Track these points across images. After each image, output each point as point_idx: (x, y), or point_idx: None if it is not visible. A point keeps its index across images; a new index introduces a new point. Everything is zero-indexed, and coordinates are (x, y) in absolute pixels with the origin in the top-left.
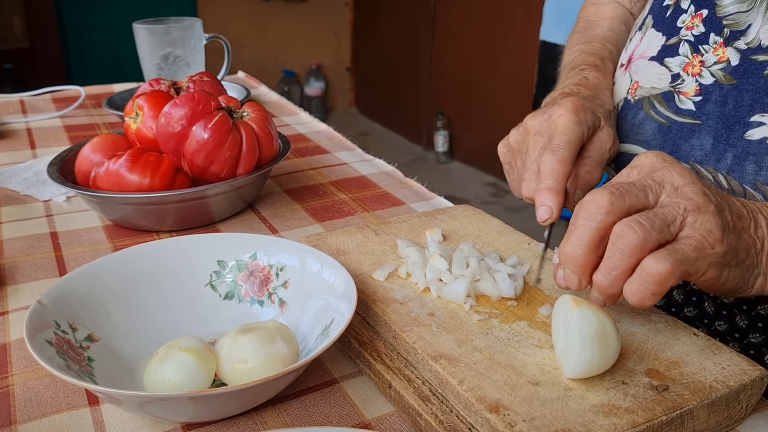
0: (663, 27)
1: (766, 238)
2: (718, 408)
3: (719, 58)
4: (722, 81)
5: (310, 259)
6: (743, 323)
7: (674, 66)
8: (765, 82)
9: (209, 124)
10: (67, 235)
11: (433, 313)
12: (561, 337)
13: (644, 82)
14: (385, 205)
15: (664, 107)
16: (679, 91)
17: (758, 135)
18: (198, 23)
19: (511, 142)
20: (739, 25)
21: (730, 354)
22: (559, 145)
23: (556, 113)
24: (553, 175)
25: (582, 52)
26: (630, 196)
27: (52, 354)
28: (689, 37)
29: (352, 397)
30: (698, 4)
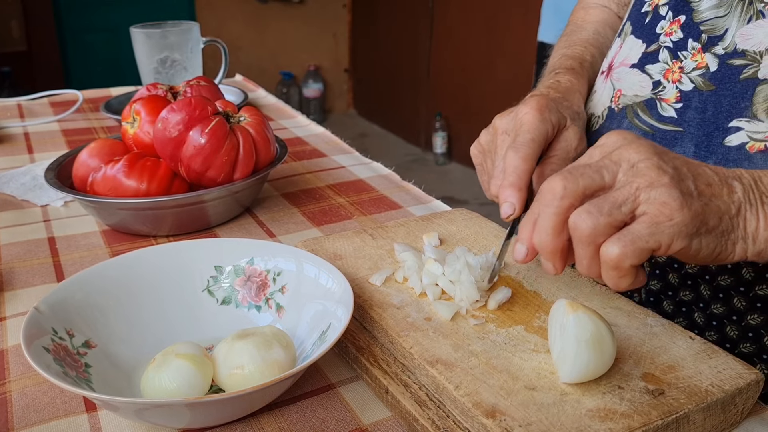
0: (642, 34)
1: (742, 202)
2: (713, 412)
3: (698, 64)
4: (701, 87)
5: (307, 264)
6: (741, 305)
7: (655, 73)
8: (741, 87)
9: (206, 129)
10: (65, 240)
11: (429, 317)
12: (557, 341)
13: (626, 90)
14: (383, 208)
15: (647, 115)
16: (660, 98)
17: (737, 141)
18: (195, 27)
19: (482, 143)
20: (717, 30)
21: (725, 358)
22: (523, 142)
23: (522, 111)
24: (515, 172)
25: (563, 56)
26: (584, 178)
27: (50, 361)
28: (668, 43)
29: (349, 402)
30: (676, 10)
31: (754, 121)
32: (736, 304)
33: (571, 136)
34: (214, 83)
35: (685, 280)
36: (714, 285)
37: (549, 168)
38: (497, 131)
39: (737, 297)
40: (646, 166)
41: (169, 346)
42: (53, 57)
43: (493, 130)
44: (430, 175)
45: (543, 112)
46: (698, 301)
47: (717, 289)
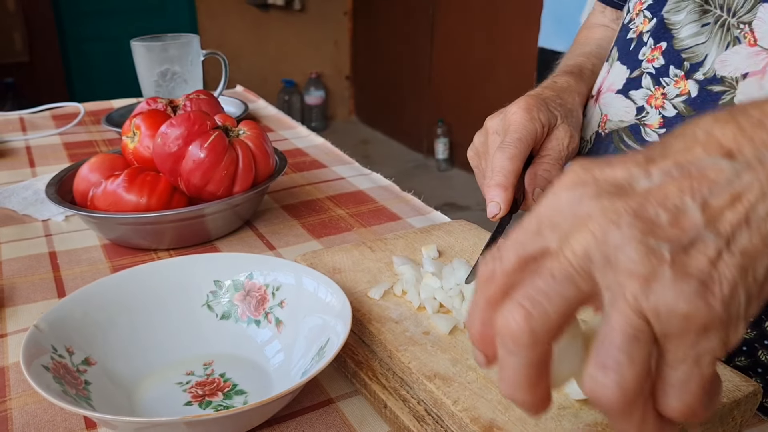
0: (627, 60)
1: None
2: (711, 425)
3: (681, 90)
4: (684, 113)
5: (306, 278)
6: None
7: (638, 99)
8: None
9: (205, 143)
10: (66, 255)
11: (428, 331)
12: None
13: (612, 116)
14: (382, 220)
15: (632, 140)
16: (644, 123)
17: None
18: (195, 40)
19: (476, 145)
20: (698, 57)
21: (723, 370)
22: (510, 142)
23: (510, 111)
24: (501, 171)
25: (564, 65)
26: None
27: (49, 380)
28: (650, 69)
29: (348, 417)
30: (657, 37)
31: None
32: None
33: (562, 135)
34: (214, 96)
35: None
36: None
37: (541, 168)
38: (489, 132)
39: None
40: (630, 258)
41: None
42: (56, 68)
43: (484, 132)
44: (433, 181)
45: (531, 111)
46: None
47: None
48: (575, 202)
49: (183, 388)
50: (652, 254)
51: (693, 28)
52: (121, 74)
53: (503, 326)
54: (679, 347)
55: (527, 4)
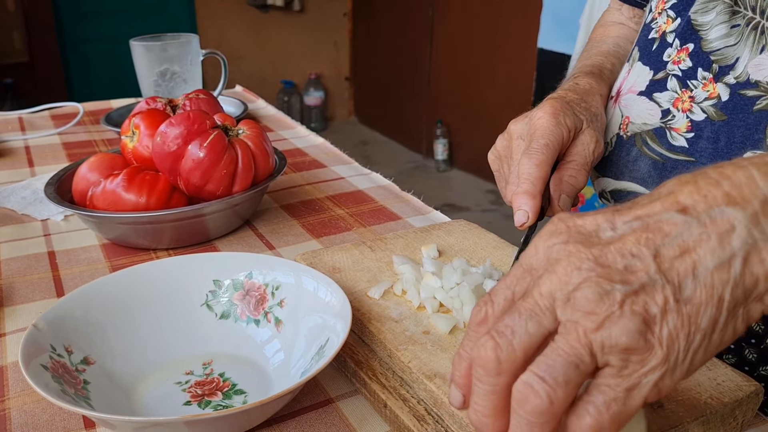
0: (650, 61)
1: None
2: (713, 425)
3: (710, 94)
4: (713, 117)
5: (306, 278)
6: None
7: (663, 101)
8: (755, 118)
9: (205, 142)
10: (65, 255)
11: (428, 331)
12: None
13: (635, 118)
14: (382, 220)
15: (656, 144)
16: (670, 127)
17: None
18: (195, 39)
19: (498, 149)
20: (728, 59)
21: (725, 369)
22: (537, 148)
23: (536, 116)
24: (529, 178)
25: (582, 65)
26: (518, 337)
27: (48, 379)
28: (677, 71)
29: (348, 416)
30: (684, 38)
31: None
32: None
33: (588, 140)
34: (213, 96)
35: None
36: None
37: (567, 173)
38: (512, 136)
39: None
40: (585, 296)
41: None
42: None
43: (508, 136)
44: (432, 181)
45: (557, 116)
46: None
47: None
48: (548, 248)
49: (182, 387)
50: (606, 295)
51: (723, 29)
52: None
53: (476, 356)
54: (613, 377)
55: (527, 6)
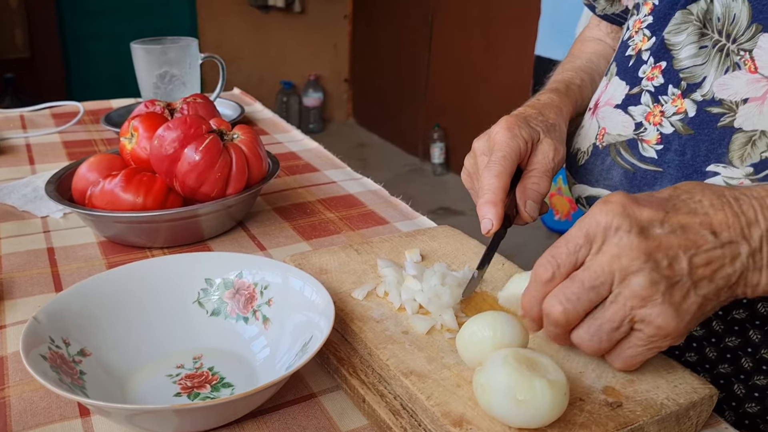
0: (626, 76)
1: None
2: (668, 424)
3: (678, 109)
4: (681, 131)
5: (292, 278)
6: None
7: (637, 115)
8: (719, 134)
9: (200, 146)
10: (63, 251)
11: (407, 331)
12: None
13: (610, 129)
14: (370, 224)
15: (629, 154)
16: (642, 139)
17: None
18: (194, 43)
19: (467, 168)
20: (695, 78)
21: (683, 373)
22: (495, 161)
23: (494, 132)
24: (490, 189)
25: (552, 81)
26: (582, 302)
27: (46, 368)
28: (650, 87)
29: (329, 410)
30: (657, 56)
31: (729, 167)
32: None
33: (547, 148)
34: (210, 100)
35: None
36: (728, 319)
37: (530, 181)
38: (476, 153)
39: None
40: (639, 283)
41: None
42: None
43: (473, 154)
44: (427, 185)
45: (513, 129)
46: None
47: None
48: (612, 229)
49: (173, 380)
50: (654, 284)
51: (692, 49)
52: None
53: (548, 313)
54: (641, 340)
55: (524, 13)
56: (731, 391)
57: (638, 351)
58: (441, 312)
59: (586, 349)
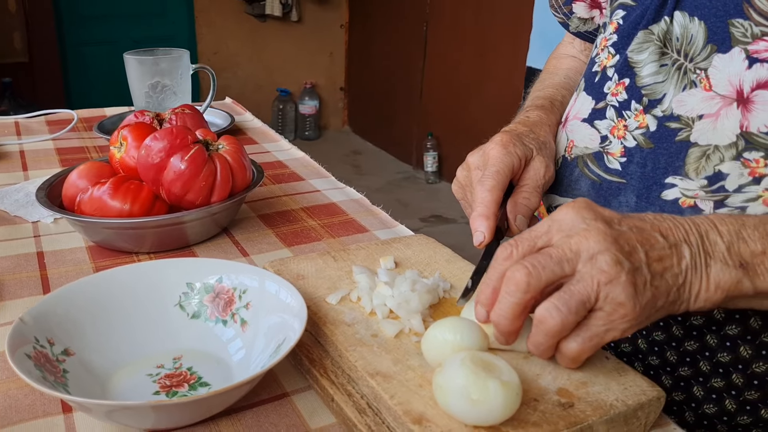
0: (592, 91)
1: (689, 268)
2: (616, 424)
3: (640, 123)
4: (642, 145)
5: (268, 282)
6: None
7: (602, 128)
8: (677, 147)
9: (186, 156)
10: (53, 255)
11: (376, 334)
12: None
13: (578, 142)
14: (350, 231)
15: (595, 166)
16: (607, 151)
17: (671, 195)
18: (185, 54)
19: (460, 179)
20: (656, 94)
21: (634, 376)
22: (488, 175)
23: (489, 148)
24: (483, 202)
25: (535, 98)
26: (546, 271)
27: (31, 367)
28: (614, 102)
29: (300, 409)
30: (621, 73)
31: (686, 179)
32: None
33: (538, 165)
34: (198, 111)
35: (690, 331)
36: (687, 324)
37: (521, 196)
38: (470, 167)
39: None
40: (605, 260)
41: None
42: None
43: (466, 167)
44: (420, 192)
45: (507, 146)
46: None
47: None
48: (579, 219)
49: (153, 379)
50: (619, 263)
51: (653, 67)
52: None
53: (510, 277)
54: (602, 319)
55: (517, 25)
56: (691, 392)
57: (596, 332)
58: (410, 317)
59: (551, 321)
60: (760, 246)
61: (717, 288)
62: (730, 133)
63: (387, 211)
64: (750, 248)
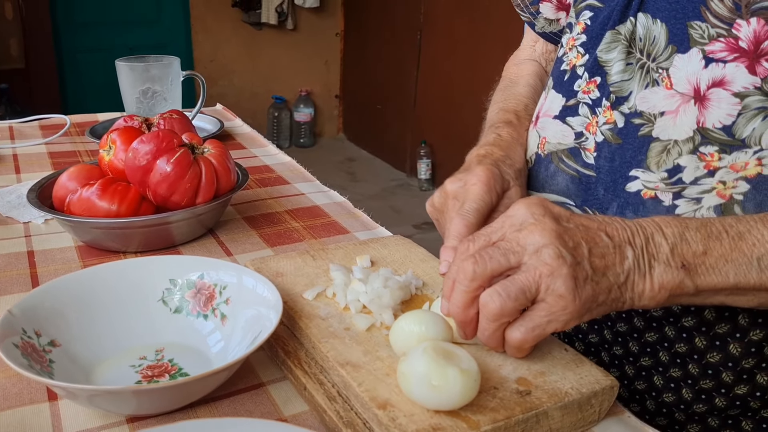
0: (562, 89)
1: (632, 269)
2: (571, 410)
3: (608, 119)
4: (610, 140)
5: (246, 277)
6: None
7: (576, 125)
8: (639, 142)
9: (171, 158)
10: (43, 254)
11: (349, 327)
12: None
13: (550, 138)
14: (332, 233)
15: (572, 161)
16: (584, 147)
17: (634, 187)
18: (176, 61)
19: (435, 203)
20: (623, 92)
21: (590, 367)
22: (468, 211)
23: (470, 182)
24: (457, 236)
25: (500, 110)
26: (492, 262)
27: (18, 355)
28: (587, 100)
29: (275, 398)
30: (592, 72)
31: (647, 171)
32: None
33: (514, 195)
34: (186, 116)
35: (650, 323)
36: (647, 316)
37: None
38: (448, 195)
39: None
40: (549, 253)
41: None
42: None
43: (444, 194)
44: (414, 199)
45: (489, 183)
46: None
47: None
48: (529, 214)
49: (135, 370)
50: (561, 257)
51: (621, 66)
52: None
53: (459, 268)
54: (543, 310)
55: (509, 34)
56: (652, 382)
57: (538, 322)
58: (381, 311)
59: (491, 305)
60: (702, 247)
61: (661, 288)
62: (687, 128)
63: (380, 218)
64: (692, 249)
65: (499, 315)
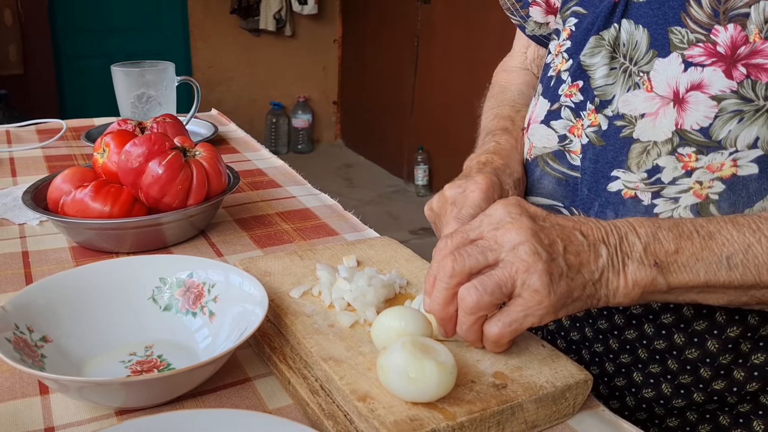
0: (548, 95)
1: (606, 267)
2: (545, 403)
3: (592, 122)
4: (595, 142)
5: (232, 275)
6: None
7: (559, 128)
8: (621, 143)
9: (163, 161)
10: (37, 255)
11: (333, 324)
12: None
13: (536, 143)
14: (321, 234)
15: (557, 164)
16: (569, 150)
17: (615, 187)
18: (171, 67)
19: (433, 207)
20: (607, 95)
21: (566, 362)
22: (465, 216)
23: (470, 189)
24: None
25: (496, 117)
26: (470, 259)
27: (10, 349)
28: (569, 103)
29: (260, 392)
30: (575, 76)
31: (628, 172)
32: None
33: None
34: (179, 120)
35: (630, 320)
36: (627, 314)
37: None
38: (446, 200)
39: (677, 333)
40: (525, 250)
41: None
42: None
43: (443, 198)
44: (411, 205)
45: (488, 192)
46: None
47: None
48: (506, 213)
49: (125, 365)
50: (537, 254)
51: (604, 70)
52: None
53: (440, 266)
54: (520, 305)
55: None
56: (631, 378)
57: (515, 317)
58: (365, 309)
59: (468, 298)
60: (674, 246)
61: (634, 285)
62: (666, 130)
63: (377, 224)
64: (664, 248)
65: (476, 308)
